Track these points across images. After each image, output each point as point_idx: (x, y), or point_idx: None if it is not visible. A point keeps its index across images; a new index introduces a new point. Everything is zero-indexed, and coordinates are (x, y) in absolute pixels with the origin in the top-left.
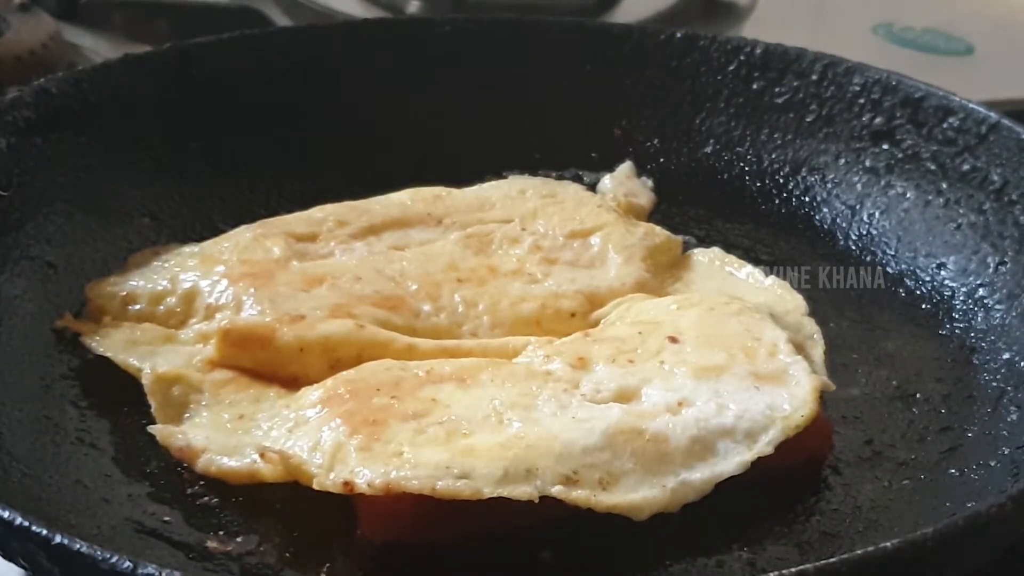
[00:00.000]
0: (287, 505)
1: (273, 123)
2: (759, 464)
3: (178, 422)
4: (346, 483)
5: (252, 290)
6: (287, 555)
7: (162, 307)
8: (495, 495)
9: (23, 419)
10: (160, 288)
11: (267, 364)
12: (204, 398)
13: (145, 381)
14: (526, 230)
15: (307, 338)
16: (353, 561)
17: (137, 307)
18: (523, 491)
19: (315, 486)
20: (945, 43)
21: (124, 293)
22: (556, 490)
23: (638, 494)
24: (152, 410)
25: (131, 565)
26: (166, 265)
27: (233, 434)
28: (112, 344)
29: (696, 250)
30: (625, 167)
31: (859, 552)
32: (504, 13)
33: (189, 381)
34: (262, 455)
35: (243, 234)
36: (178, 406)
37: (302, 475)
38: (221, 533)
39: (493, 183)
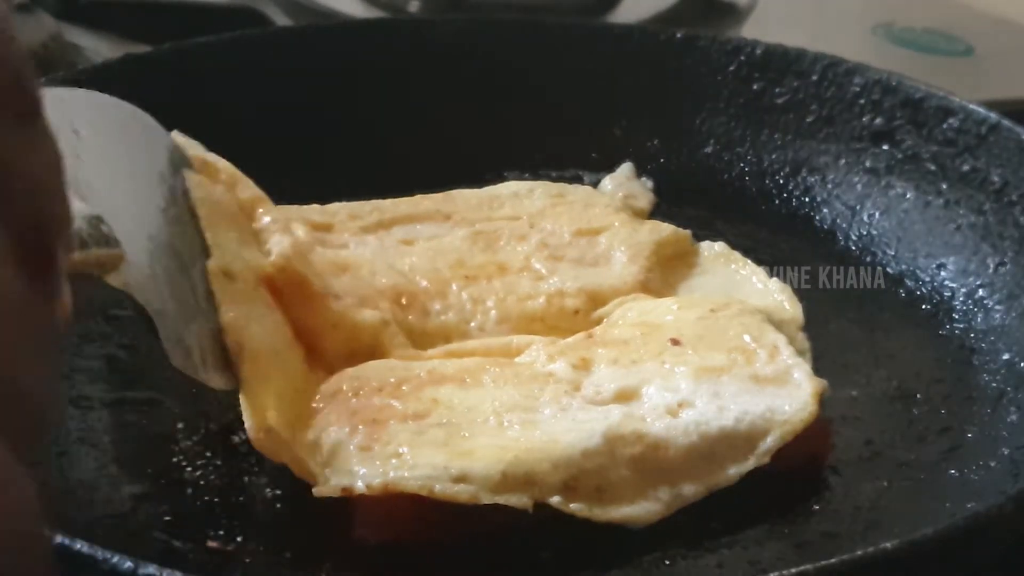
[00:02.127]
0: (287, 505)
1: (273, 124)
2: (759, 466)
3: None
4: (344, 488)
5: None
6: (287, 555)
7: None
8: (493, 502)
9: None
10: None
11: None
12: None
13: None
14: (534, 227)
15: (345, 316)
16: (353, 560)
17: None
18: (521, 500)
19: (315, 493)
20: (945, 43)
21: None
22: (554, 500)
23: (635, 506)
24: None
25: (132, 565)
26: None
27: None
28: None
29: (703, 243)
30: (625, 168)
31: (859, 552)
32: (504, 13)
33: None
34: (267, 431)
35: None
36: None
37: (303, 470)
38: (221, 533)
39: (504, 184)
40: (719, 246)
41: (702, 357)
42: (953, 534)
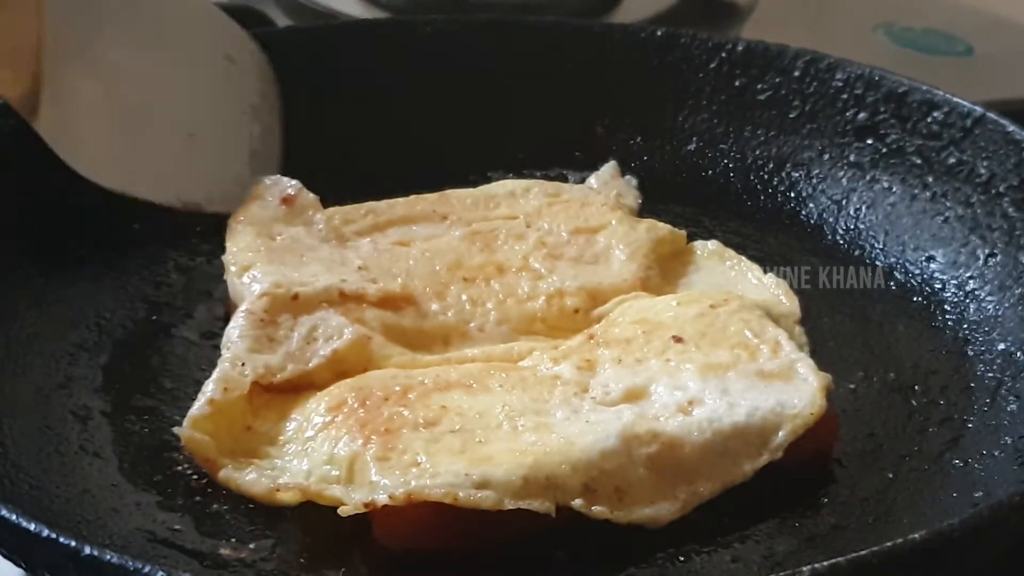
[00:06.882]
0: (299, 509)
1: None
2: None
3: None
4: (367, 504)
5: None
6: (302, 560)
7: None
8: (515, 507)
9: (25, 430)
10: None
11: None
12: None
13: None
14: (531, 226)
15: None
16: (368, 564)
17: None
18: (543, 504)
19: (341, 513)
20: (945, 43)
21: None
22: (576, 503)
23: (654, 507)
24: None
25: (165, 573)
26: None
27: (246, 450)
28: None
29: (696, 243)
30: (609, 167)
31: (888, 544)
32: (506, 13)
33: None
34: (278, 490)
35: None
36: None
37: (322, 499)
38: (233, 540)
39: (499, 183)
40: (712, 244)
41: (706, 354)
42: (978, 524)
